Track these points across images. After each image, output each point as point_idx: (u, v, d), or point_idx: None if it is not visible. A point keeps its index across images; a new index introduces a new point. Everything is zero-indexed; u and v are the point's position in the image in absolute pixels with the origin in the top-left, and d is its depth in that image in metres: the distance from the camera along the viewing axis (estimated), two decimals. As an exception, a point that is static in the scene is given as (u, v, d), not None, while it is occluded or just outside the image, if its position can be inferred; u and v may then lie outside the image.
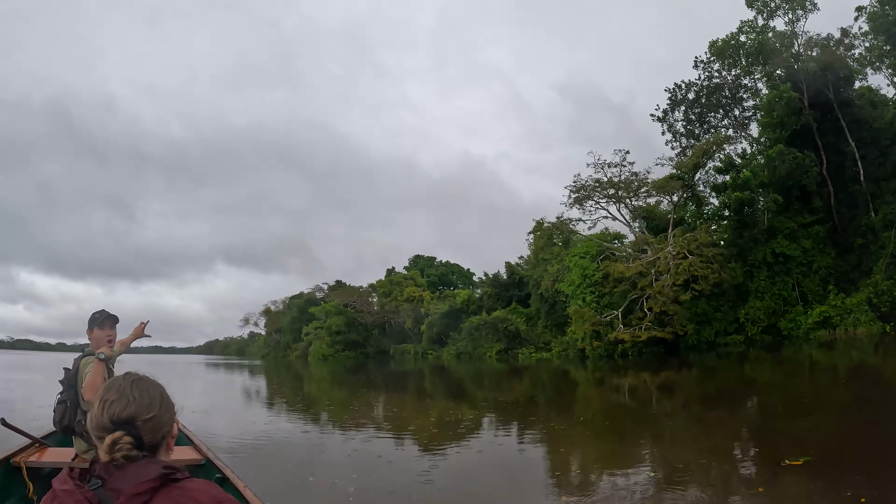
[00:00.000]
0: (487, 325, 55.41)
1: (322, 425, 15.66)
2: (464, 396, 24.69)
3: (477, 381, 33.18)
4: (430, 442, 12.27)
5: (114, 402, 1.42)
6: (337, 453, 10.74)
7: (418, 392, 27.69)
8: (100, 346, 4.48)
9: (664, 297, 37.37)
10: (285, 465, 9.34)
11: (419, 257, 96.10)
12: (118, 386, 1.46)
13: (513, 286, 66.71)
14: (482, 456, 10.55)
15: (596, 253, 45.17)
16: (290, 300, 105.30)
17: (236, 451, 9.97)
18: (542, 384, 29.69)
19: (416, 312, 72.77)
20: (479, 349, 56.20)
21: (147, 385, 1.50)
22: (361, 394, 27.12)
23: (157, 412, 1.45)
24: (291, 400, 24.65)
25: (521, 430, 14.05)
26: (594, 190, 46.44)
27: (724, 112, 51.83)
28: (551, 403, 20.54)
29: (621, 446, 11.31)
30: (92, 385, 4.14)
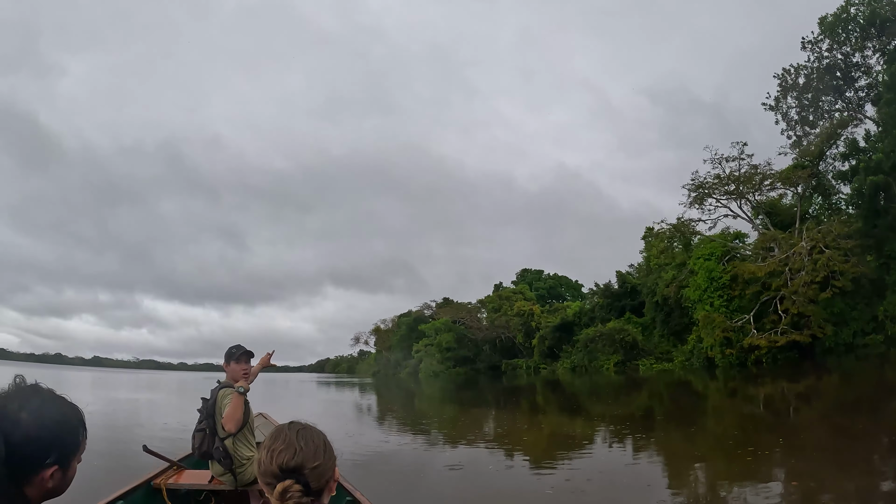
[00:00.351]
0: (603, 337, 53.89)
1: (434, 441, 15.53)
2: (580, 411, 23.95)
3: (595, 395, 32.22)
4: (543, 457, 12.02)
5: (282, 451, 1.47)
6: (447, 468, 10.64)
7: (532, 407, 27.08)
8: (236, 379, 4.72)
9: (801, 297, 34.79)
10: (400, 480, 9.42)
11: (526, 271, 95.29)
12: (284, 435, 1.51)
13: (625, 295, 64.67)
14: (601, 472, 10.09)
15: (721, 254, 42.90)
16: (399, 318, 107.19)
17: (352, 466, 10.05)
18: (667, 396, 28.45)
19: (527, 326, 72.00)
20: (596, 362, 54.68)
21: (311, 434, 1.55)
22: (473, 410, 26.75)
23: (322, 460, 1.51)
24: (403, 416, 24.81)
25: (648, 445, 13.55)
26: (714, 187, 44.10)
27: (835, 94, 47.93)
28: (678, 416, 19.54)
29: (755, 460, 10.53)
30: (232, 417, 4.48)
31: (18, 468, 1.36)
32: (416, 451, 13.44)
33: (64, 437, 1.46)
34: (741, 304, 39.92)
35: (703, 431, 15.61)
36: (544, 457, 12.05)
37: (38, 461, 1.39)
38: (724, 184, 44.14)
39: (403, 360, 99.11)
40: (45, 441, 1.41)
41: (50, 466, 1.41)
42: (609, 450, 13.14)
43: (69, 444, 1.47)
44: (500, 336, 76.51)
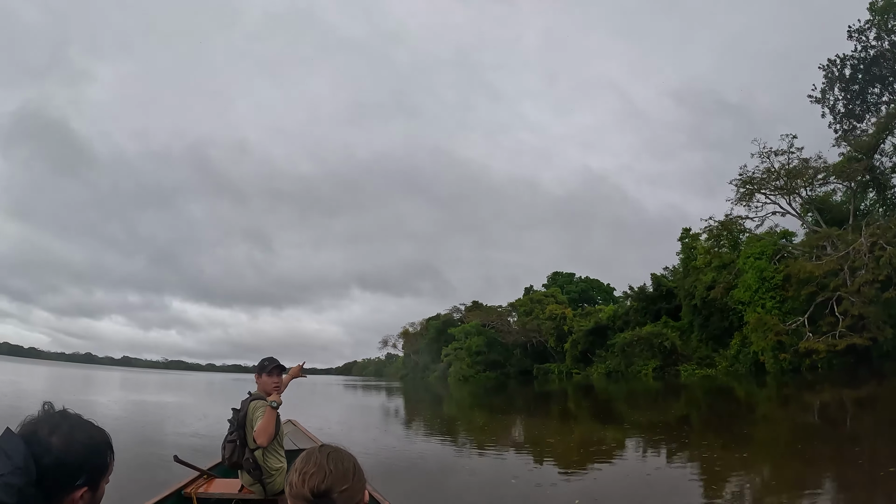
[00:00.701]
0: (641, 341, 52.08)
1: (461, 448, 15.13)
2: (615, 419, 22.70)
3: (632, 402, 30.75)
4: (573, 467, 11.49)
5: (313, 474, 1.48)
6: (471, 475, 10.56)
7: (564, 414, 26.01)
8: (267, 391, 4.78)
9: (862, 298, 32.65)
10: (423, 486, 9.43)
11: (558, 274, 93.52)
12: (315, 458, 1.53)
13: (660, 298, 62.79)
14: (635, 486, 9.47)
15: (772, 253, 40.82)
16: (428, 322, 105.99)
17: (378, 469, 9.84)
18: (713, 404, 26.88)
19: (559, 330, 70.32)
20: (632, 367, 52.87)
21: (342, 457, 1.56)
22: (502, 416, 25.86)
23: (351, 483, 1.51)
24: (430, 421, 24.02)
25: (693, 457, 12.49)
26: (763, 182, 41.98)
27: (882, 86, 45.67)
28: (728, 427, 17.82)
29: (806, 472, 10.02)
30: (265, 431, 4.48)
31: (50, 490, 1.40)
32: (441, 457, 13.09)
33: (93, 460, 1.51)
34: (794, 306, 37.79)
35: (760, 445, 14.30)
36: (574, 467, 11.54)
37: (69, 483, 1.44)
38: (775, 178, 42.11)
39: (432, 363, 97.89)
40: (75, 464, 1.46)
41: (80, 488, 1.46)
42: (652, 465, 11.94)
43: (98, 466, 1.53)
44: (531, 340, 74.90)
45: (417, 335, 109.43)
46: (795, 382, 31.42)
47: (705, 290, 50.75)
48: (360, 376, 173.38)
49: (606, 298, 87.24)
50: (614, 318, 64.50)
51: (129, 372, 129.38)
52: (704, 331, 52.90)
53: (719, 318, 50.41)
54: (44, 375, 60.39)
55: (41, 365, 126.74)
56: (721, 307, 49.79)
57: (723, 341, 50.12)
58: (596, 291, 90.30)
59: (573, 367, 65.71)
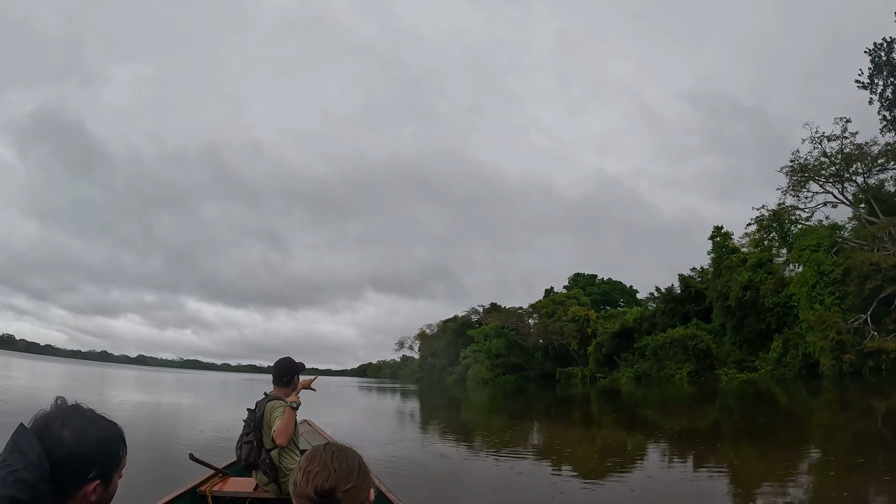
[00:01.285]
0: (674, 344, 49.60)
1: (482, 454, 14.21)
2: (655, 427, 20.45)
3: (670, 409, 28.58)
4: (602, 476, 10.66)
5: (317, 473, 1.46)
6: (497, 482, 10.02)
7: (592, 420, 24.31)
8: (286, 393, 4.80)
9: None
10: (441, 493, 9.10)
11: (579, 275, 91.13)
12: (320, 457, 1.51)
13: (688, 300, 60.57)
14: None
15: (829, 245, 37.96)
16: (445, 323, 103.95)
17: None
18: (761, 412, 24.37)
19: (582, 333, 68.03)
20: (665, 371, 50.43)
21: (346, 455, 1.54)
22: (525, 423, 24.18)
23: (356, 482, 1.49)
24: (449, 426, 22.61)
25: (741, 470, 10.94)
26: (817, 169, 39.23)
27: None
28: (777, 435, 15.88)
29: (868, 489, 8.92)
30: (284, 431, 4.50)
31: (63, 484, 1.42)
32: (458, 464, 12.39)
33: (105, 453, 1.52)
34: (853, 303, 34.83)
35: (814, 458, 12.89)
36: (602, 476, 10.77)
37: (82, 476, 1.46)
38: (830, 164, 39.42)
39: (449, 366, 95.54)
40: (88, 457, 1.47)
41: (92, 481, 1.47)
42: (695, 479, 10.53)
43: (110, 460, 1.53)
44: (552, 342, 72.59)
45: (434, 337, 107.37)
46: (857, 386, 29.03)
47: (741, 291, 48.49)
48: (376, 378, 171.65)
49: (629, 301, 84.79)
50: (641, 320, 62.26)
51: (144, 371, 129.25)
52: (738, 333, 50.68)
53: (755, 319, 48.15)
54: (60, 373, 59.64)
55: (57, 362, 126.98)
56: (758, 308, 47.58)
57: (758, 344, 47.97)
58: (619, 293, 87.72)
59: (597, 371, 63.44)
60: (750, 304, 48.00)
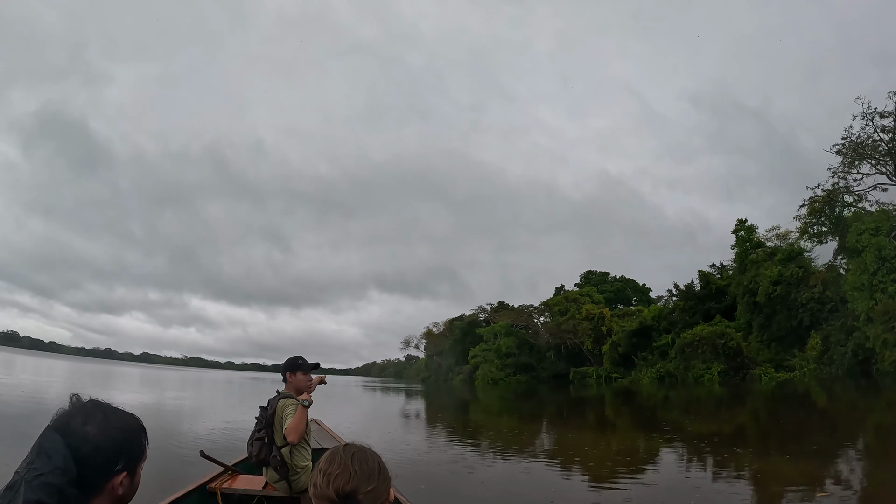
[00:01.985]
0: (703, 343, 46.17)
1: (496, 459, 13.10)
2: (695, 436, 17.30)
3: (704, 413, 25.50)
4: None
5: (338, 475, 1.41)
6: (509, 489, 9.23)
7: (615, 425, 21.89)
8: (300, 388, 4.72)
9: None
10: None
11: (591, 273, 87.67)
12: (340, 459, 1.45)
13: (709, 297, 57.30)
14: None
15: (888, 229, 34.74)
16: (452, 322, 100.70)
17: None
18: (811, 415, 21.62)
19: (597, 331, 64.68)
20: (692, 371, 47.08)
21: (366, 457, 1.49)
22: (543, 425, 22.21)
23: (377, 483, 1.45)
24: (460, 429, 20.59)
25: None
26: (873, 147, 35.97)
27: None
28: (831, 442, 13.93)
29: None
30: (297, 429, 4.39)
31: (90, 479, 1.39)
32: (470, 469, 11.11)
33: (129, 444, 1.50)
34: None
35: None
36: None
37: (109, 470, 1.43)
38: (884, 142, 36.11)
39: (456, 365, 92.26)
40: (113, 449, 1.45)
41: (119, 473, 1.45)
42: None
43: (135, 451, 1.51)
44: (565, 341, 69.21)
45: (441, 336, 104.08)
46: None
47: (771, 286, 45.28)
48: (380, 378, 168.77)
49: (642, 299, 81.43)
50: (659, 318, 58.92)
51: (149, 368, 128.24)
52: (765, 331, 47.58)
53: (786, 316, 44.94)
54: (65, 370, 58.13)
55: (62, 360, 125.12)
56: (789, 304, 44.42)
57: (789, 342, 44.95)
58: (632, 291, 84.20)
59: (613, 371, 60.13)
60: (781, 300, 44.78)
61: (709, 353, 45.42)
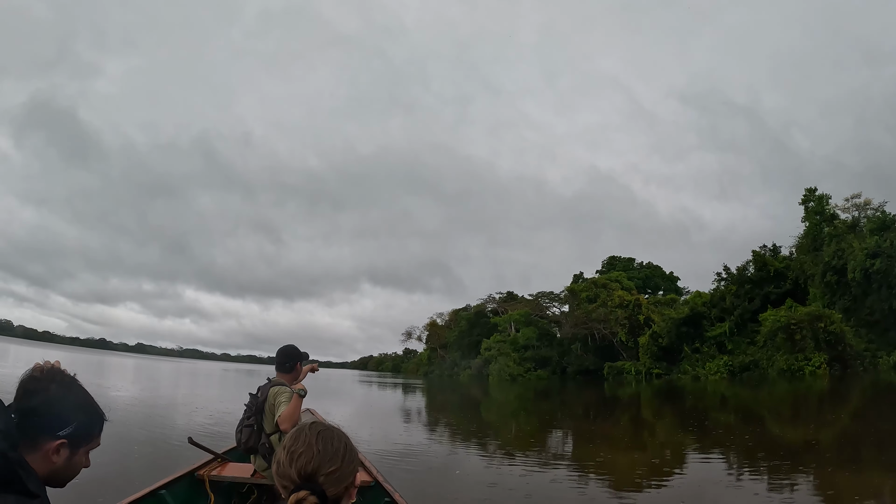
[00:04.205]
0: (800, 328, 36.31)
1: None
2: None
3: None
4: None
5: (301, 454, 1.31)
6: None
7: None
8: (287, 380, 4.49)
9: None
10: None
11: (615, 258, 77.38)
12: (305, 437, 1.35)
13: (766, 281, 47.62)
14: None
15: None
16: (458, 313, 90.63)
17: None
18: None
19: (633, 321, 54.66)
20: (777, 363, 37.34)
21: (332, 436, 1.38)
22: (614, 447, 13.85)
23: (341, 465, 1.34)
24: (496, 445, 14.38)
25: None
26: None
27: None
28: None
29: None
30: (290, 418, 4.08)
31: (30, 431, 1.35)
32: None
33: (82, 419, 1.45)
34: None
35: None
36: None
37: (51, 430, 1.38)
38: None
39: (462, 359, 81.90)
40: (63, 414, 1.41)
41: (59, 439, 1.39)
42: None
43: (84, 427, 1.46)
44: (592, 332, 59.05)
45: (445, 328, 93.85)
46: None
47: (867, 260, 35.82)
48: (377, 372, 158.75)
49: (670, 287, 71.62)
50: (710, 305, 49.09)
51: (143, 359, 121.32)
52: (852, 315, 38.08)
53: (885, 295, 35.62)
54: (58, 359, 50.24)
55: (55, 349, 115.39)
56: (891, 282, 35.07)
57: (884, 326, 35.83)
58: (660, 279, 74.22)
59: (653, 366, 50.24)
60: (882, 277, 35.30)
61: (809, 341, 35.47)
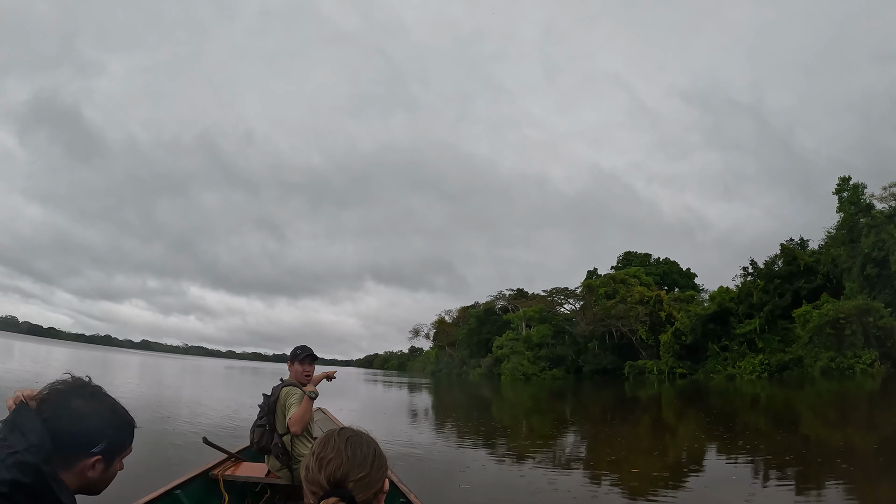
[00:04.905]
0: (850, 322, 33.42)
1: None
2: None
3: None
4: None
5: (330, 460, 1.31)
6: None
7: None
8: (299, 380, 4.46)
9: None
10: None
11: (631, 254, 74.26)
12: (334, 443, 1.35)
13: (797, 275, 44.71)
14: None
15: None
16: (467, 310, 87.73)
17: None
18: None
19: (654, 318, 51.72)
20: (821, 361, 34.48)
21: (361, 442, 1.38)
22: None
23: (370, 470, 1.34)
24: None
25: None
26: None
27: None
28: None
29: None
30: (300, 420, 4.13)
31: (64, 451, 1.33)
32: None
33: (113, 432, 1.43)
34: None
35: None
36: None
37: (85, 447, 1.37)
38: None
39: (471, 357, 79.08)
40: (95, 429, 1.39)
41: (94, 455, 1.38)
42: None
43: (117, 440, 1.45)
44: (609, 330, 56.15)
45: (454, 326, 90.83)
46: None
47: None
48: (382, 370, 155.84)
49: (687, 284, 68.61)
50: (738, 301, 46.19)
51: (149, 356, 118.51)
52: (895, 308, 35.26)
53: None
54: (64, 356, 50.61)
55: (61, 345, 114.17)
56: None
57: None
58: (678, 275, 71.07)
59: (676, 365, 47.37)
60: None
61: (859, 337, 32.52)
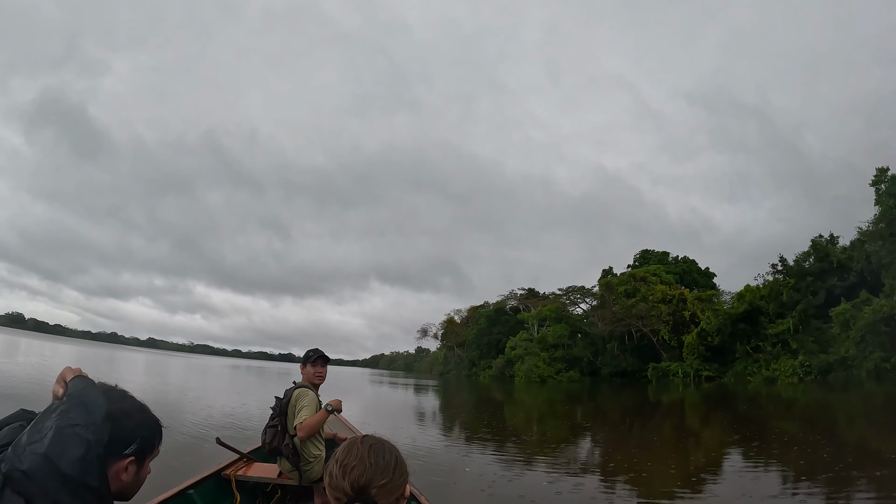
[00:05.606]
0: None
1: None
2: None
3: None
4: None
5: (354, 467, 1.32)
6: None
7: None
8: (311, 381, 4.45)
9: None
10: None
11: (648, 252, 71.30)
12: (357, 450, 1.36)
13: (829, 273, 42.00)
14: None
15: None
16: (477, 310, 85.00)
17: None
18: None
19: (677, 317, 48.96)
20: (868, 363, 31.79)
21: (384, 449, 1.40)
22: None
23: (391, 477, 1.35)
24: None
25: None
26: None
27: None
28: None
29: None
30: (311, 428, 4.14)
31: (106, 449, 1.33)
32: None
33: (146, 434, 1.46)
34: None
35: None
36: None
37: (121, 449, 1.37)
38: None
39: (480, 358, 76.38)
40: (131, 431, 1.41)
41: (128, 457, 1.39)
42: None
43: (149, 442, 1.47)
44: (629, 330, 53.41)
45: (463, 326, 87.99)
46: None
47: None
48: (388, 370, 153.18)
49: (706, 283, 65.74)
50: (769, 299, 43.43)
51: (156, 354, 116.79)
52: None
53: None
54: (72, 354, 48.60)
55: (67, 343, 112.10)
56: None
57: None
58: (697, 274, 68.15)
59: (701, 367, 44.66)
60: None
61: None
